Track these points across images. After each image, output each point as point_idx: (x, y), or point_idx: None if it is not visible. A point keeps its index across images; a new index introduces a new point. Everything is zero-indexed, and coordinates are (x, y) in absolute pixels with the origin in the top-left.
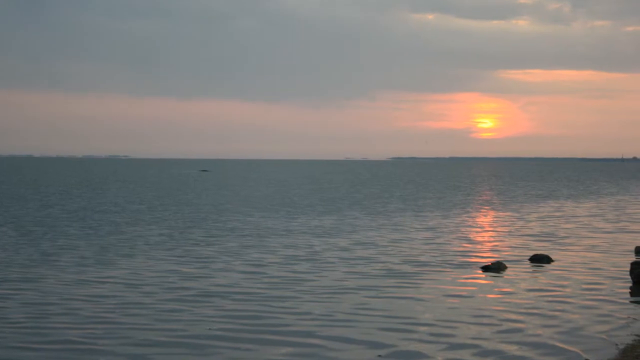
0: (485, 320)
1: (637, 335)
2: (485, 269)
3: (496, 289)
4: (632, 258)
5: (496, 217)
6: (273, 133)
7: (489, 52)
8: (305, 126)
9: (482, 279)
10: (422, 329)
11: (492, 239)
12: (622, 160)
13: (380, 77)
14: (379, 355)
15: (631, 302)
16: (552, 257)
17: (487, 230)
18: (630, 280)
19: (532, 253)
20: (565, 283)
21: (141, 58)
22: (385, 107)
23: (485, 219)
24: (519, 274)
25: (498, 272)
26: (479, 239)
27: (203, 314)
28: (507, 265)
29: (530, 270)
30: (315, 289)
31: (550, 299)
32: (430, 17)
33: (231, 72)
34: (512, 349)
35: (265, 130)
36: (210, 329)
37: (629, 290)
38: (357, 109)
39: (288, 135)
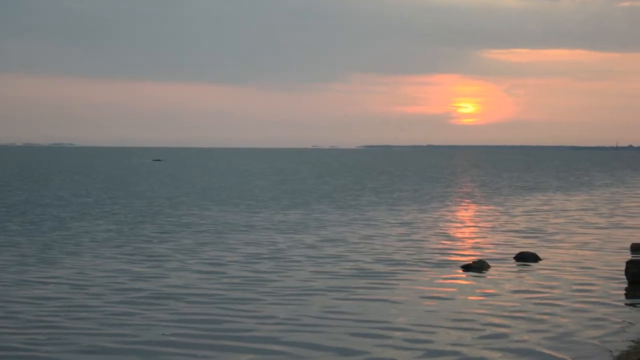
0: (466, 325)
1: (633, 340)
2: (466, 268)
3: (478, 290)
4: (628, 256)
5: (478, 211)
6: (234, 119)
7: (470, 30)
8: (269, 111)
9: (463, 279)
10: (396, 334)
11: (473, 236)
12: (617, 148)
13: (351, 58)
14: None
15: (627, 304)
16: (540, 255)
17: (468, 225)
18: (625, 280)
19: (517, 251)
20: (554, 284)
21: (90, 37)
22: (356, 90)
23: (466, 213)
24: (503, 273)
25: (480, 271)
26: (460, 235)
27: (156, 317)
28: (490, 264)
29: (516, 269)
30: (280, 290)
31: (537, 301)
32: None
33: (189, 53)
34: (496, 356)
35: (226, 116)
36: (163, 334)
37: (624, 292)
38: (326, 92)
39: (250, 122)
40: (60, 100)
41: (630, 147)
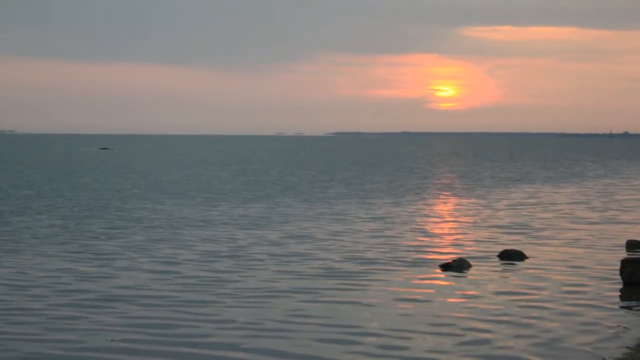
0: (445, 330)
1: (628, 347)
2: (445, 267)
3: (458, 292)
4: (623, 254)
5: (458, 205)
6: (189, 103)
7: (449, 5)
8: (228, 95)
9: (442, 279)
10: (368, 340)
11: (453, 232)
12: (611, 136)
13: (319, 35)
14: None
15: (621, 307)
16: (526, 253)
17: (448, 220)
18: (620, 280)
19: (501, 248)
20: (541, 284)
21: (27, 14)
22: (325, 71)
23: (445, 207)
24: (485, 273)
25: (460, 271)
26: (438, 231)
27: (104, 322)
28: (472, 263)
29: (500, 268)
30: (240, 291)
31: (523, 303)
32: None
33: (137, 30)
34: None
35: (180, 100)
36: (112, 340)
37: (619, 293)
38: (291, 74)
39: (207, 106)
40: None
41: (626, 135)
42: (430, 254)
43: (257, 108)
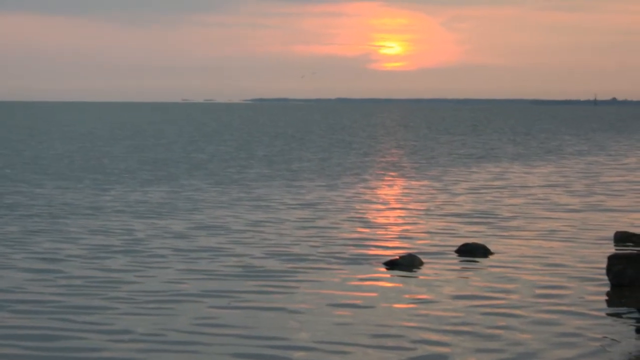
0: (390, 342)
1: None
2: (391, 265)
3: (407, 295)
4: (611, 249)
5: (407, 188)
6: (71, 63)
7: None
8: (120, 53)
9: (387, 279)
10: (297, 355)
11: (400, 221)
12: (595, 103)
13: None
14: None
15: (608, 314)
16: (491, 247)
17: (394, 208)
18: (606, 281)
19: (460, 242)
20: (510, 286)
21: None
22: (242, 24)
23: (391, 191)
24: (441, 272)
25: (410, 269)
26: (382, 220)
27: None
28: (424, 260)
29: (458, 267)
30: (137, 295)
31: (487, 309)
32: None
33: None
34: None
35: (59, 59)
36: None
37: (606, 297)
38: (201, 27)
39: (93, 67)
40: None
41: (613, 102)
42: (373, 248)
43: (158, 69)
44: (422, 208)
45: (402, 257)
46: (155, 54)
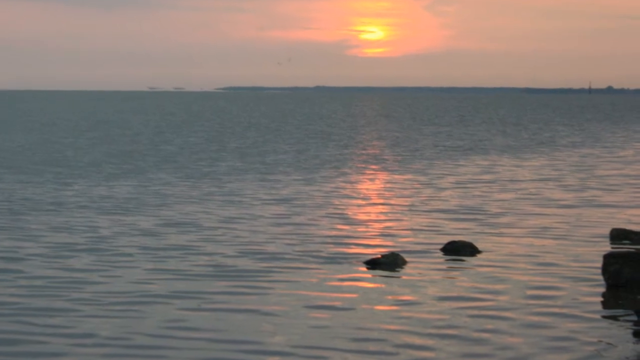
0: (372, 347)
1: None
2: (373, 264)
3: (389, 297)
4: (607, 247)
5: (390, 182)
6: (34, 49)
7: None
8: (80, 37)
9: (368, 280)
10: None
11: (383, 218)
12: (590, 91)
13: None
14: None
15: (604, 316)
16: (478, 245)
17: (376, 203)
18: (602, 281)
19: (446, 239)
20: (499, 287)
21: None
22: (213, 7)
23: (373, 185)
24: (425, 272)
25: (393, 269)
26: (363, 217)
27: None
28: (407, 259)
29: (444, 266)
30: (103, 296)
31: (475, 312)
32: None
33: None
34: None
35: (21, 44)
36: None
37: (601, 299)
38: (169, 10)
39: (58, 53)
40: None
41: (610, 90)
42: (353, 247)
43: (124, 56)
44: (405, 204)
45: (384, 256)
46: (121, 39)
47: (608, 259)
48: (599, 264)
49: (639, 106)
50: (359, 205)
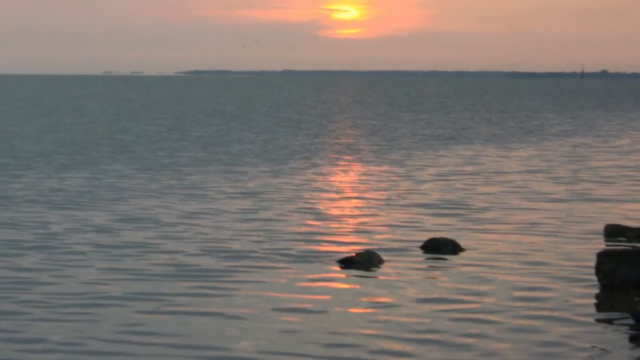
0: (345, 353)
1: None
2: (347, 263)
3: (365, 299)
4: (601, 245)
5: (365, 174)
6: None
7: None
8: (35, 18)
9: (341, 280)
10: None
11: (357, 213)
12: (582, 76)
13: None
14: None
15: (598, 320)
16: (461, 243)
17: (350, 197)
18: (596, 282)
19: (427, 236)
20: (483, 288)
21: None
22: None
23: (346, 177)
24: (404, 272)
25: (368, 269)
26: (336, 212)
27: None
28: (384, 258)
29: (424, 265)
30: (53, 298)
31: (457, 315)
32: None
33: None
34: None
35: None
36: None
37: (595, 300)
38: None
39: (5, 34)
40: None
41: (604, 74)
42: (325, 244)
43: (76, 37)
44: (382, 197)
45: (359, 255)
46: (73, 20)
47: (602, 257)
48: (592, 263)
49: (635, 91)
50: (332, 200)
